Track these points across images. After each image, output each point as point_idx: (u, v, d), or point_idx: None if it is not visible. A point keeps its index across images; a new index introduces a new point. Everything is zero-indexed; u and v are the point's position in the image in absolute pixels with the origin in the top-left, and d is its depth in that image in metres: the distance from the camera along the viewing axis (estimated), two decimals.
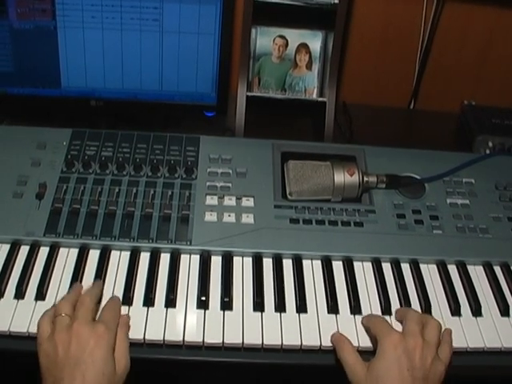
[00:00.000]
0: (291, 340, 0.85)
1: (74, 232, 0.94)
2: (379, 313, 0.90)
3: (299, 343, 0.85)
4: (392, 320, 0.89)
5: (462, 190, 1.08)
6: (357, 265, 0.97)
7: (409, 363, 0.77)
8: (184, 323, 0.86)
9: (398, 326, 0.85)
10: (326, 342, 0.85)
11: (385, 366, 0.78)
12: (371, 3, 1.38)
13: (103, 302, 0.85)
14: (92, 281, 0.90)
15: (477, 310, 0.92)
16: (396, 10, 1.39)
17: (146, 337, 0.83)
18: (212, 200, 1.01)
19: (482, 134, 1.28)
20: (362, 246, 0.98)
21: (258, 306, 0.89)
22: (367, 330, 0.86)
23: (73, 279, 0.89)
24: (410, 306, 0.91)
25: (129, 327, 0.83)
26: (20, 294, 0.87)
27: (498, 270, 0.99)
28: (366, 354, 0.82)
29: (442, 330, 0.85)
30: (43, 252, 0.93)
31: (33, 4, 1.07)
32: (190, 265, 0.94)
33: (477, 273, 0.98)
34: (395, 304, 0.92)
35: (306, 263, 0.96)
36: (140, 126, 1.17)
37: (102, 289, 0.88)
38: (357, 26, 1.41)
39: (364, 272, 0.96)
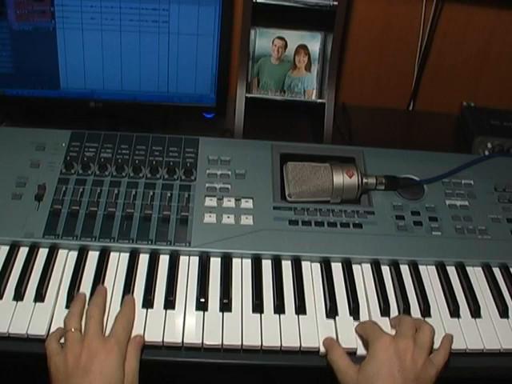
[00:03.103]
0: (290, 342, 0.85)
1: (73, 233, 0.94)
2: (378, 314, 0.90)
3: (298, 345, 0.85)
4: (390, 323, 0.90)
5: (461, 192, 1.08)
6: (356, 266, 0.97)
7: (399, 364, 0.77)
8: (183, 325, 0.86)
9: (393, 332, 0.86)
10: None
11: (375, 367, 0.78)
12: (370, 4, 1.38)
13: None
14: (91, 282, 0.90)
15: (476, 312, 0.92)
16: (395, 11, 1.39)
17: (145, 338, 0.83)
18: (211, 201, 1.01)
19: (480, 135, 1.28)
20: (361, 247, 0.98)
21: (257, 307, 0.89)
22: (361, 337, 0.86)
23: (72, 280, 0.89)
24: (409, 307, 0.91)
25: (141, 346, 0.83)
26: (19, 295, 0.87)
27: (496, 271, 0.99)
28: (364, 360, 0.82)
29: (441, 333, 0.86)
30: (42, 253, 0.93)
31: (32, 5, 1.07)
32: (189, 266, 0.94)
33: (476, 274, 0.98)
34: (394, 305, 0.92)
35: (305, 265, 0.96)
36: (139, 128, 1.18)
37: (106, 294, 0.88)
38: (356, 27, 1.41)
39: (363, 273, 0.96)
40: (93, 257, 0.94)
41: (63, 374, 0.76)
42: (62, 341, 0.80)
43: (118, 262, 0.94)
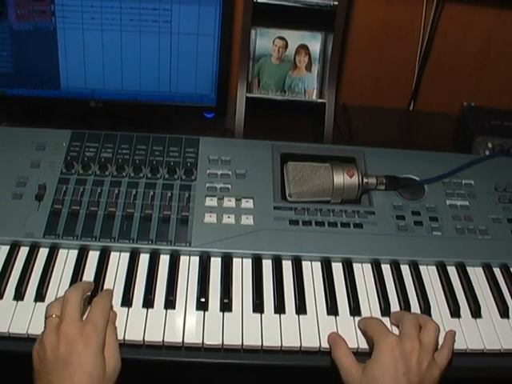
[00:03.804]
0: (291, 341, 0.85)
1: (73, 233, 0.94)
2: (378, 314, 0.90)
3: (299, 345, 0.85)
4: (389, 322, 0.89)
5: (462, 192, 1.08)
6: (356, 266, 0.97)
7: (405, 367, 0.77)
8: (183, 325, 0.86)
9: (394, 330, 0.86)
10: (326, 344, 0.85)
11: (380, 369, 0.77)
12: (370, 4, 1.38)
13: None
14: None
15: (476, 312, 0.92)
16: (395, 11, 1.39)
17: (146, 338, 0.83)
18: (211, 201, 1.01)
19: (481, 135, 1.28)
20: (361, 247, 0.98)
21: (258, 307, 0.89)
22: (364, 333, 0.86)
23: (72, 280, 0.89)
24: (409, 307, 0.91)
25: (115, 325, 0.81)
26: (19, 295, 0.87)
27: (497, 271, 0.99)
28: (365, 356, 0.81)
29: (442, 332, 0.85)
30: (43, 253, 0.93)
31: (32, 5, 1.07)
32: (189, 266, 0.94)
33: (476, 274, 0.98)
34: (395, 305, 0.92)
35: (305, 264, 0.96)
36: (139, 128, 1.17)
37: (92, 285, 0.85)
38: (356, 27, 1.41)
39: (363, 273, 0.96)
40: (93, 257, 0.94)
41: (42, 365, 0.74)
42: None
43: (118, 262, 0.94)
